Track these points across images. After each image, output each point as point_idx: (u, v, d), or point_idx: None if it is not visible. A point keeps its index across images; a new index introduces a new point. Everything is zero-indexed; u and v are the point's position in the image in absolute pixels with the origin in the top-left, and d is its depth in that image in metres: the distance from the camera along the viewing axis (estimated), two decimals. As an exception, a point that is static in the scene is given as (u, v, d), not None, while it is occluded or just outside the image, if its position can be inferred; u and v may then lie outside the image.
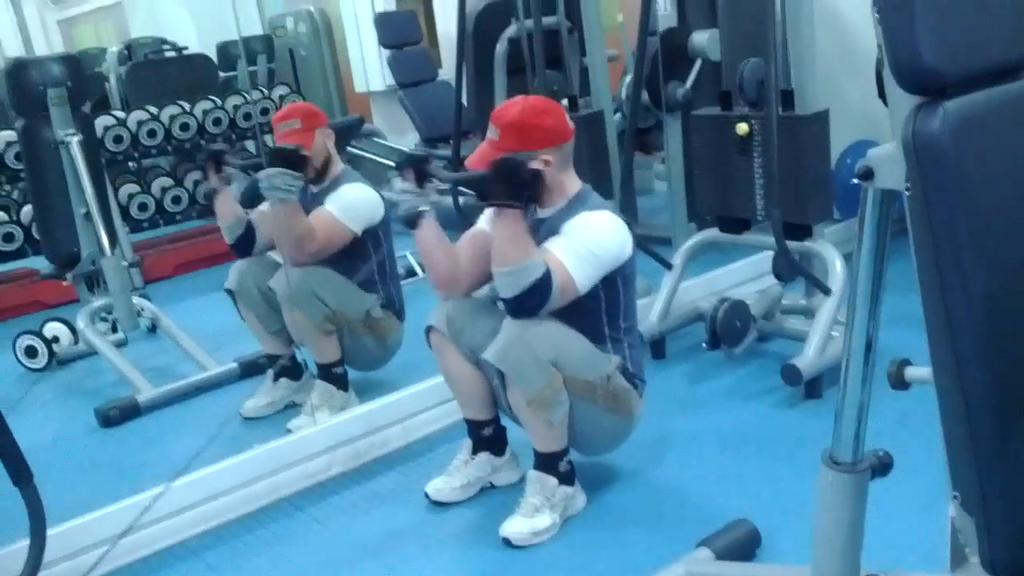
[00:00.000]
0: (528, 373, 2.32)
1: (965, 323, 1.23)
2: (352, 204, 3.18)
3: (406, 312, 3.39)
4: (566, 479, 2.49)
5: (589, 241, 2.35)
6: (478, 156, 2.43)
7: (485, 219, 2.63)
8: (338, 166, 3.30)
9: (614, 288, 2.44)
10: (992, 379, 1.26)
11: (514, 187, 2.26)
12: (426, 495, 2.68)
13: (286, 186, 2.92)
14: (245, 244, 3.32)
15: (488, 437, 2.67)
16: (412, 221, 2.44)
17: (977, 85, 1.25)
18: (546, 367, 2.32)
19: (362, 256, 3.25)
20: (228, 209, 3.30)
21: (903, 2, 1.17)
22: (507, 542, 2.43)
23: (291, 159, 2.95)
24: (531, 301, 2.29)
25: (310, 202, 3.22)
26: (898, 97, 1.26)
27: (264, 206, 3.30)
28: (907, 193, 1.27)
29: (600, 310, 2.45)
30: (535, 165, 2.36)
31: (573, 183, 2.50)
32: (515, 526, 2.44)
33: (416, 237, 2.50)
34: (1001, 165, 1.27)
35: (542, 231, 2.43)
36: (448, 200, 4.19)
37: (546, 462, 2.47)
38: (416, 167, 2.41)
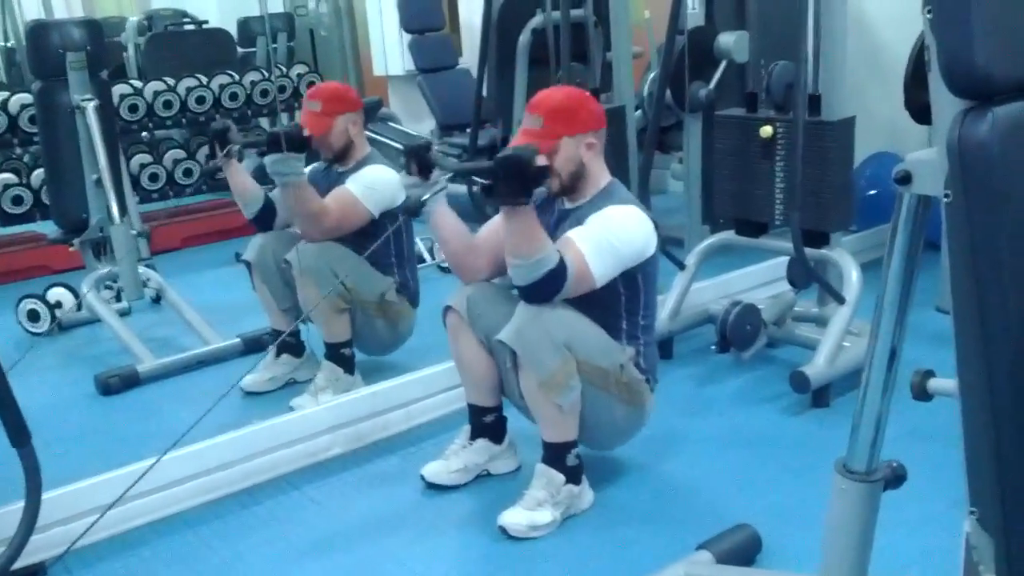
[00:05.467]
0: (541, 355, 2.30)
1: (1000, 337, 1.20)
2: (372, 185, 3.16)
3: (417, 297, 3.37)
4: (573, 476, 2.45)
5: (611, 234, 2.33)
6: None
7: None
8: (364, 149, 3.28)
9: (634, 285, 2.42)
10: (1024, 397, 1.22)
11: (521, 184, 2.16)
12: (422, 477, 2.67)
13: (290, 169, 2.93)
14: (265, 218, 3.29)
15: (489, 424, 2.66)
16: (412, 210, 2.42)
17: (1027, 91, 1.21)
18: (560, 349, 2.30)
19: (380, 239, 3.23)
20: (241, 184, 3.27)
21: (960, 1, 1.14)
22: (504, 531, 2.40)
23: (292, 141, 2.94)
24: (544, 289, 2.27)
25: (333, 182, 3.21)
26: (944, 100, 1.22)
27: None
28: (946, 200, 1.24)
29: (619, 306, 2.43)
30: (581, 149, 2.38)
31: (604, 175, 2.48)
32: (514, 516, 2.41)
33: (429, 223, 2.49)
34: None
35: (569, 221, 2.42)
36: (456, 187, 4.13)
37: (554, 454, 2.44)
38: (418, 157, 2.37)
